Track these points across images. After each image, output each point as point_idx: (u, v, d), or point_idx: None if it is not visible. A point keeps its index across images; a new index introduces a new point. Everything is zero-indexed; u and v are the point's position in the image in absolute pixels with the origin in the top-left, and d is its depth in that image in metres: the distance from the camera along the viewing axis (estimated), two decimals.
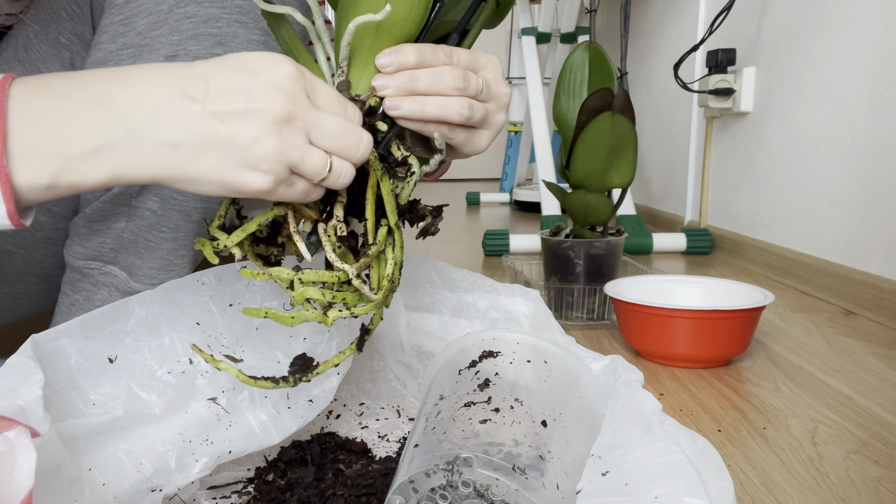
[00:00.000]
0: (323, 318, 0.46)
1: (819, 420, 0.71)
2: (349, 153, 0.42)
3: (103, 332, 0.49)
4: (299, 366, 0.49)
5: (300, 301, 0.45)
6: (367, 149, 0.43)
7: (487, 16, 0.51)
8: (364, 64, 0.46)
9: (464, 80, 0.46)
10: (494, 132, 0.50)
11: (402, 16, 0.45)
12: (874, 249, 1.12)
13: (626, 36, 1.51)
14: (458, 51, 0.47)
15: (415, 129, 0.47)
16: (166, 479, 0.48)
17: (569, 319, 1.07)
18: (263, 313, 0.46)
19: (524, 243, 1.62)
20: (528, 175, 2.88)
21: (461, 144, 0.49)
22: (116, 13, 0.55)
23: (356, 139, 0.42)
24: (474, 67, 0.48)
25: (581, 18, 2.19)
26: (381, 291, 0.47)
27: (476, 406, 0.44)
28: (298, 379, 0.48)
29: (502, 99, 0.50)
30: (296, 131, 0.40)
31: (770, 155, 1.46)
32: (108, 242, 0.59)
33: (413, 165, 0.47)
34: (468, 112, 0.46)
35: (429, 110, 0.45)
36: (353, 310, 0.46)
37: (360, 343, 0.50)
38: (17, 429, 0.34)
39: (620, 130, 0.98)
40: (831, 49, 1.24)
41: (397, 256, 0.47)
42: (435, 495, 0.40)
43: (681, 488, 0.34)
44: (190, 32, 0.55)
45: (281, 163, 0.39)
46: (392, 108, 0.45)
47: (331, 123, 0.41)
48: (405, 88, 0.45)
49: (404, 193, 0.47)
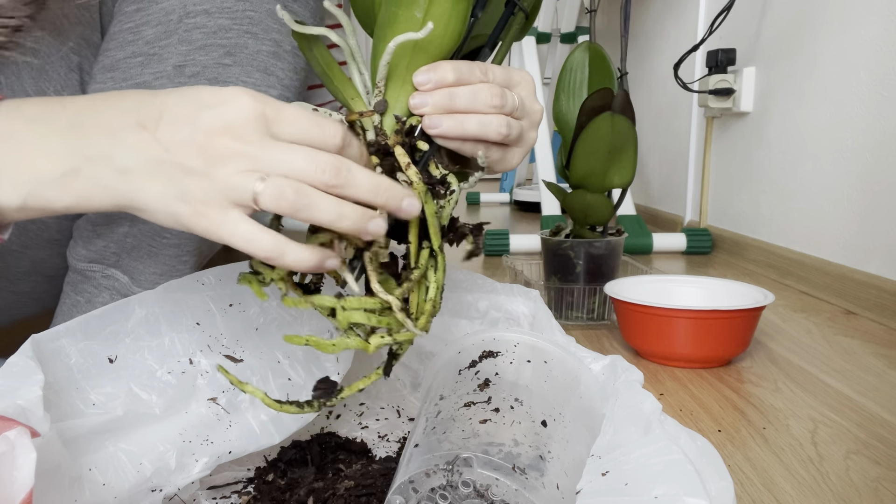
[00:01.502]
0: (364, 344, 0.44)
1: (819, 420, 0.71)
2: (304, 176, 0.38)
3: (103, 332, 0.49)
4: (323, 390, 0.48)
5: (345, 326, 0.44)
6: (322, 169, 0.38)
7: (517, 29, 0.49)
8: (402, 83, 0.45)
9: (501, 97, 0.45)
10: (526, 150, 0.49)
11: (440, 32, 0.44)
12: (874, 249, 1.12)
13: (626, 36, 1.50)
14: (493, 67, 0.46)
15: (453, 147, 0.45)
16: (166, 479, 0.48)
17: (569, 319, 1.07)
18: (304, 341, 0.44)
19: (524, 243, 1.62)
20: (528, 175, 2.88)
21: (495, 163, 0.48)
22: (126, 21, 0.55)
23: (306, 162, 0.38)
24: (509, 84, 0.47)
25: (581, 18, 2.20)
26: (423, 317, 0.45)
27: (476, 406, 0.44)
28: (323, 404, 0.48)
29: (535, 116, 0.49)
30: (238, 167, 0.38)
31: (770, 155, 1.46)
32: (110, 246, 0.59)
33: (452, 184, 0.46)
34: (506, 130, 0.45)
35: (468, 128, 0.44)
36: (395, 336, 0.44)
37: (387, 368, 0.49)
38: (18, 429, 0.34)
39: (620, 130, 0.98)
40: (831, 49, 1.24)
41: (439, 279, 0.46)
42: (435, 495, 0.40)
43: (681, 488, 0.34)
44: (199, 43, 0.55)
45: (217, 199, 0.38)
46: (431, 127, 0.44)
47: (285, 158, 0.38)
48: (444, 106, 0.44)
49: (445, 213, 0.46)
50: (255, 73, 0.57)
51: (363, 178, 0.39)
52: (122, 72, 0.55)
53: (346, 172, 0.39)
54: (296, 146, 0.39)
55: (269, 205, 0.38)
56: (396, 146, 0.44)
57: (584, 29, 2.21)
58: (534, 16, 0.52)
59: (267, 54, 0.57)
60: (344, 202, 0.39)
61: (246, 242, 0.38)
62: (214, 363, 0.53)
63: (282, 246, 0.38)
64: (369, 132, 0.45)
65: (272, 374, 0.56)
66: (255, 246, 0.38)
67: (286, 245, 0.39)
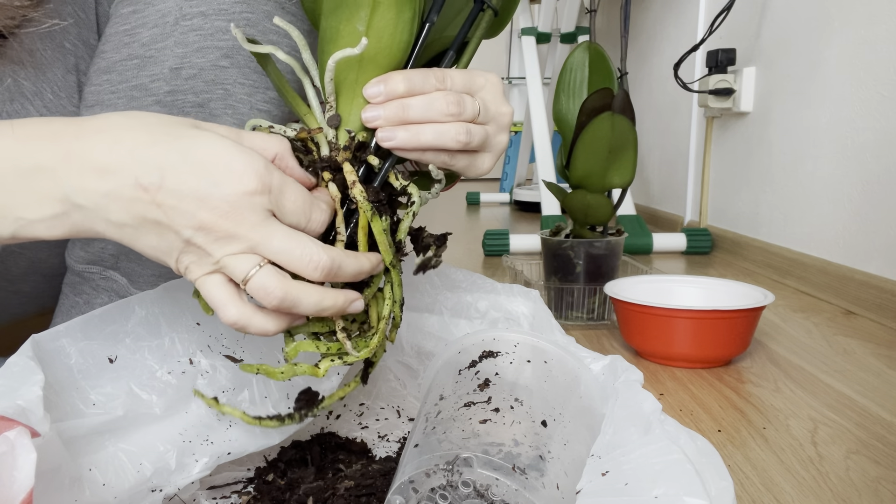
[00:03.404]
0: (314, 370, 0.46)
1: (819, 420, 0.71)
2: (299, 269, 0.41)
3: (103, 332, 0.49)
4: (305, 401, 0.50)
5: (293, 356, 0.45)
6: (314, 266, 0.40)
7: (486, 26, 0.48)
8: (352, 96, 0.44)
9: (458, 104, 0.44)
10: (496, 154, 0.48)
11: (387, 43, 0.43)
12: (874, 249, 1.12)
13: (626, 36, 1.50)
14: (451, 73, 0.45)
15: (412, 158, 0.45)
16: (166, 480, 0.49)
17: (569, 319, 1.07)
18: (256, 370, 0.46)
19: (524, 243, 1.62)
20: (528, 175, 2.88)
21: (463, 169, 0.47)
22: (122, 23, 0.55)
23: (301, 260, 0.40)
24: (470, 89, 0.46)
25: (581, 18, 2.20)
26: (378, 334, 0.46)
27: (476, 406, 0.44)
28: (304, 415, 0.49)
29: (503, 119, 0.47)
30: (232, 245, 0.39)
31: (770, 155, 1.46)
32: (108, 248, 0.59)
33: (413, 195, 0.46)
34: (465, 137, 0.44)
35: (423, 139, 0.44)
36: (345, 359, 0.46)
37: (364, 376, 0.51)
38: (18, 429, 0.34)
39: (620, 130, 0.98)
40: (831, 49, 1.24)
41: (396, 294, 0.47)
42: (435, 495, 0.40)
43: (681, 488, 0.34)
44: (196, 45, 0.54)
45: (207, 267, 0.40)
46: (385, 140, 0.44)
47: (278, 244, 0.40)
48: (396, 118, 0.43)
49: (403, 226, 0.46)
50: (253, 75, 0.57)
51: (350, 270, 0.42)
52: (118, 74, 0.55)
53: (336, 270, 0.41)
54: (295, 234, 0.40)
55: (254, 293, 0.40)
56: (345, 163, 0.44)
57: (584, 29, 2.21)
58: (509, 13, 0.51)
59: None
60: (326, 293, 0.42)
61: (216, 307, 0.41)
62: (214, 363, 0.53)
63: (247, 318, 0.41)
64: (323, 147, 0.45)
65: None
66: (222, 313, 0.41)
67: (251, 318, 0.41)
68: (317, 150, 0.45)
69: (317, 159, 0.45)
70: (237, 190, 0.38)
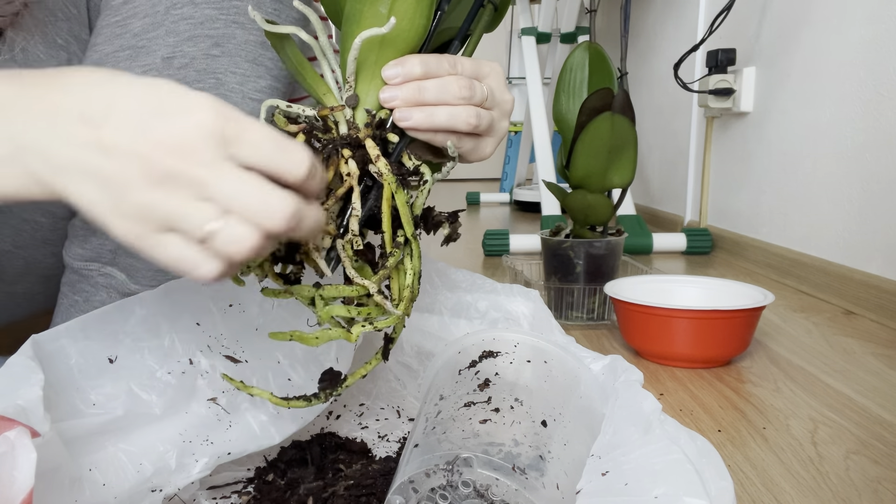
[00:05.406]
0: (347, 335, 0.46)
1: (819, 420, 0.71)
2: (255, 218, 0.35)
3: (103, 332, 0.49)
4: (328, 381, 0.50)
5: (326, 319, 0.46)
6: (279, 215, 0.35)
7: (487, 20, 0.51)
8: (371, 77, 0.46)
9: (469, 89, 0.46)
10: (498, 139, 0.50)
11: (406, 27, 0.45)
12: (874, 249, 1.12)
13: (626, 36, 1.50)
14: (461, 59, 0.47)
15: (424, 139, 0.47)
16: (166, 480, 0.49)
17: (569, 319, 1.07)
18: (289, 336, 0.46)
19: (524, 243, 1.62)
20: (528, 175, 2.88)
21: (468, 152, 0.49)
22: (113, 15, 0.55)
23: (263, 205, 0.35)
24: (478, 76, 0.48)
25: (581, 18, 2.19)
26: (402, 303, 0.47)
27: (476, 406, 0.44)
28: (329, 394, 0.49)
29: (506, 106, 0.50)
30: (180, 188, 0.34)
31: (770, 155, 1.46)
32: (106, 244, 0.59)
33: (426, 174, 0.47)
34: (475, 120, 0.46)
35: (437, 120, 0.45)
36: (375, 324, 0.46)
37: (384, 352, 0.51)
38: (18, 429, 0.34)
39: (620, 130, 0.98)
40: (831, 49, 1.24)
41: (416, 266, 0.48)
42: (435, 495, 0.40)
43: (681, 488, 0.34)
44: (187, 34, 0.55)
45: (150, 219, 0.35)
46: (402, 120, 0.45)
47: (234, 186, 0.35)
48: (413, 99, 0.45)
49: (418, 202, 0.48)
50: (244, 64, 0.57)
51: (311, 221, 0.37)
52: (111, 66, 0.55)
53: (297, 221, 0.36)
54: (251, 177, 0.35)
55: (220, 248, 0.35)
56: (367, 139, 0.45)
57: (584, 29, 2.21)
58: (504, 8, 0.53)
59: (255, 44, 0.57)
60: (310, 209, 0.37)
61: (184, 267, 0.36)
62: (214, 363, 0.53)
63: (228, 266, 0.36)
64: (342, 125, 0.46)
65: (272, 374, 0.56)
66: (197, 273, 0.36)
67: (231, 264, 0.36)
68: (335, 129, 0.46)
69: (336, 137, 0.46)
70: (185, 123, 0.34)
